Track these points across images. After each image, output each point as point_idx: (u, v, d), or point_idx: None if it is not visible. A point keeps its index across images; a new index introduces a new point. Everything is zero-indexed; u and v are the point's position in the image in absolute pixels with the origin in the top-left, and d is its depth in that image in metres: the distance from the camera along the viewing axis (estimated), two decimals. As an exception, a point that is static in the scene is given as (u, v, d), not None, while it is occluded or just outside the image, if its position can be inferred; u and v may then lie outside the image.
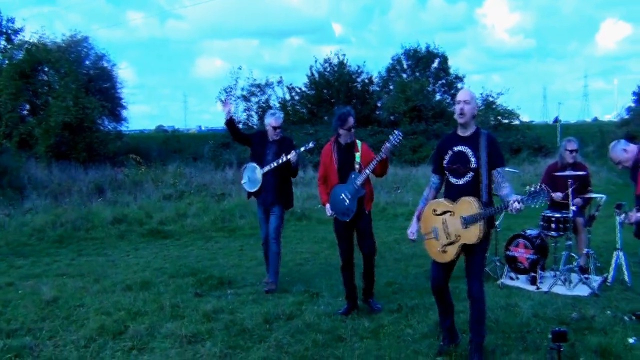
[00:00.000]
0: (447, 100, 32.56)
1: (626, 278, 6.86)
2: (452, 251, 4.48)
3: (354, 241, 5.96)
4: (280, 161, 6.67)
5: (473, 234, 4.35)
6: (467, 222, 4.34)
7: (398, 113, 29.77)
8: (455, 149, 4.48)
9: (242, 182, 7.10)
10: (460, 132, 4.53)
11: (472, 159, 4.38)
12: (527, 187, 4.03)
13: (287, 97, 32.63)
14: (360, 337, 5.22)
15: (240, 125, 30.15)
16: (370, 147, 5.99)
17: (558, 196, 7.21)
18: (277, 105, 31.63)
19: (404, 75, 35.12)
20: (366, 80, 33.00)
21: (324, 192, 5.93)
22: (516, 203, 4.07)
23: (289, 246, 9.60)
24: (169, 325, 5.53)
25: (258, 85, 31.80)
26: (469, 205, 4.35)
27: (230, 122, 6.87)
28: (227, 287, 6.98)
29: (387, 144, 5.47)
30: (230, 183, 16.86)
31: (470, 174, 4.40)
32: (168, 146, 30.54)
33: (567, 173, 6.99)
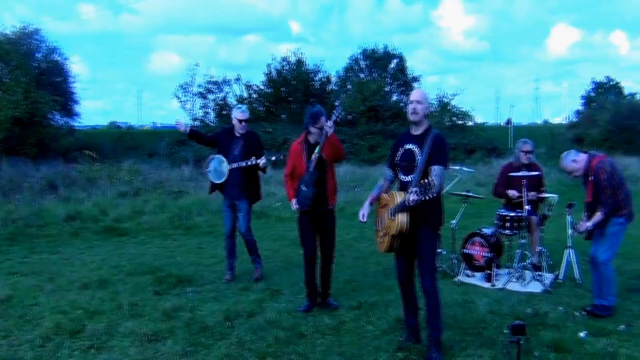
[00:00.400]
0: (404, 101, 33.03)
1: (576, 275, 7.09)
2: (385, 241, 4.63)
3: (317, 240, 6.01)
4: (250, 163, 6.75)
5: (394, 225, 4.47)
6: (391, 213, 4.48)
7: (356, 113, 30.06)
8: (406, 146, 4.61)
9: (207, 170, 7.12)
10: (413, 131, 4.66)
11: (418, 157, 4.49)
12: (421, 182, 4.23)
13: (245, 94, 32.50)
14: (322, 333, 5.26)
15: (197, 123, 29.85)
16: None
17: (513, 194, 7.38)
18: (235, 103, 31.46)
19: (362, 75, 35.49)
20: (324, 80, 33.23)
21: (290, 188, 5.94)
22: (412, 195, 4.21)
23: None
24: (128, 324, 5.45)
25: (215, 82, 31.61)
26: (394, 198, 4.50)
27: (192, 134, 6.98)
28: (186, 285, 6.92)
29: (328, 121, 5.52)
30: (187, 180, 16.67)
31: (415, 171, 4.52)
32: (122, 143, 30.00)
33: (521, 173, 7.15)
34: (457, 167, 7.67)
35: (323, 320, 5.62)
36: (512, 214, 7.17)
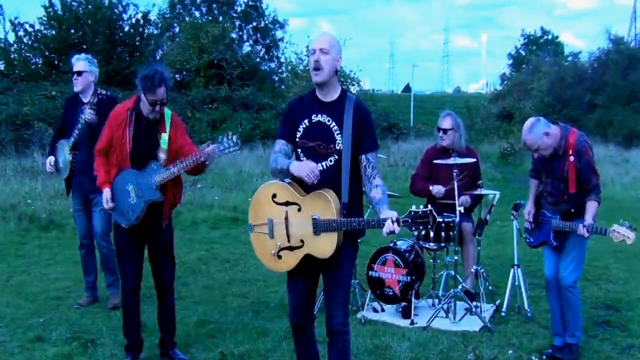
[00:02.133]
0: (261, 54, 33.15)
1: (525, 305, 7.42)
2: (290, 260, 4.65)
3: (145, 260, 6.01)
4: (80, 125, 7.05)
5: (324, 246, 4.52)
6: (320, 227, 4.49)
7: (188, 70, 29.69)
8: (314, 118, 4.64)
9: (56, 165, 7.51)
10: (320, 95, 4.68)
11: (338, 137, 4.55)
12: (413, 208, 4.34)
13: (12, 38, 31.04)
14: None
15: None
16: (182, 122, 5.99)
17: (439, 190, 7.62)
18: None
19: (197, 14, 35.14)
20: (137, 19, 32.29)
21: (102, 168, 5.86)
22: (395, 224, 4.28)
23: (33, 271, 9.35)
24: None
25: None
26: (326, 204, 4.50)
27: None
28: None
29: (214, 148, 5.48)
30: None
31: (333, 158, 4.57)
32: None
33: (450, 161, 7.31)
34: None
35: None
36: (439, 219, 7.10)
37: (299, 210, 4.55)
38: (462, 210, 7.40)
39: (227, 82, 29.62)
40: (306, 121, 4.64)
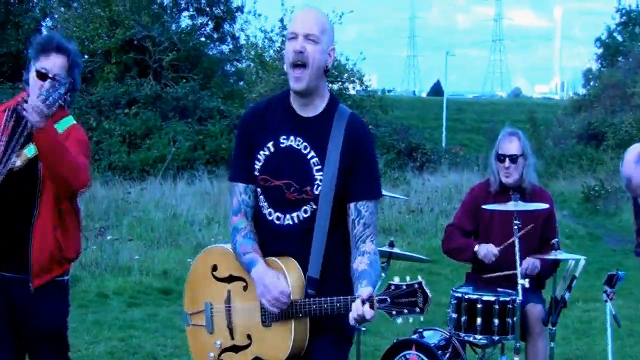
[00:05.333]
0: (207, 31, 28.33)
1: None
2: None
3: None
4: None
5: (275, 344, 3.92)
6: (268, 313, 3.93)
7: (92, 54, 25.25)
8: (283, 141, 3.99)
9: None
10: (297, 105, 3.99)
11: (319, 175, 3.94)
12: (395, 281, 3.65)
13: None
14: None
15: None
16: (85, 139, 5.07)
17: (489, 254, 6.25)
18: None
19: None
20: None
21: None
22: (365, 306, 3.55)
23: None
24: None
25: None
26: (280, 277, 3.99)
27: None
28: None
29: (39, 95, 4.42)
30: None
31: (309, 207, 3.97)
32: None
33: (510, 206, 6.06)
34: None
35: None
36: (490, 298, 6.05)
37: (245, 288, 3.99)
38: (527, 285, 6.01)
39: (153, 73, 24.60)
40: (270, 144, 3.99)
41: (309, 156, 3.93)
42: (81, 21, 25.32)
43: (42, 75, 4.62)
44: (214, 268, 4.09)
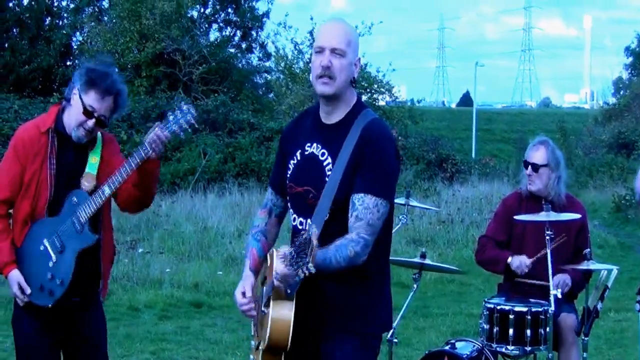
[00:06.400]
0: (235, 41, 29.39)
1: None
2: None
3: None
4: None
5: (264, 329, 3.92)
6: (264, 299, 4.01)
7: (122, 68, 24.51)
8: (308, 148, 4.03)
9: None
10: (323, 114, 4.00)
11: (327, 173, 4.00)
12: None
13: None
14: None
15: None
16: (114, 139, 5.16)
17: (522, 265, 6.15)
18: None
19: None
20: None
21: (7, 239, 4.61)
22: (279, 263, 3.56)
23: None
24: None
25: None
26: (272, 265, 4.06)
27: None
28: None
29: (160, 128, 4.54)
30: None
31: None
32: None
33: (542, 216, 5.98)
34: (402, 201, 6.93)
35: None
36: (522, 308, 5.98)
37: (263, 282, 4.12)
38: (560, 295, 6.00)
39: (183, 86, 24.81)
40: (298, 153, 4.06)
41: (325, 162, 3.93)
42: (111, 35, 25.42)
43: (89, 113, 4.56)
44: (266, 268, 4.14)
